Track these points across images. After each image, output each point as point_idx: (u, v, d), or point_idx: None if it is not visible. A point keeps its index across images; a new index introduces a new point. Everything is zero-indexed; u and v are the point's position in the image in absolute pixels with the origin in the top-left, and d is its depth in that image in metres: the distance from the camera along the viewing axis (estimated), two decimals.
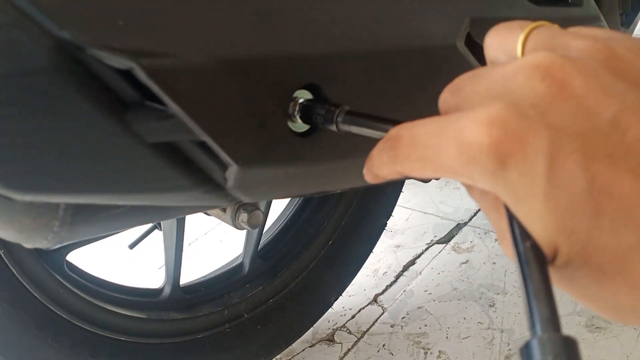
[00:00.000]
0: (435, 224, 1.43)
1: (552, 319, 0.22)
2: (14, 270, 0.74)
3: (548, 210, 0.23)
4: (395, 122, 0.33)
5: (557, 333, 0.22)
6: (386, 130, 0.34)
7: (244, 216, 0.69)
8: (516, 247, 0.24)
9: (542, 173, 0.23)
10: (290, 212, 1.07)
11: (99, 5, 0.37)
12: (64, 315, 0.80)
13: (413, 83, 0.52)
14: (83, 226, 0.47)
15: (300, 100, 0.44)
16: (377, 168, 0.29)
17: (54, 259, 0.80)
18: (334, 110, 0.42)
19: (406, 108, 0.52)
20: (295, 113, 0.45)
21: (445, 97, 0.28)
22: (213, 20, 0.41)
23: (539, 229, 0.24)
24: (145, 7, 0.38)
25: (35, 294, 0.76)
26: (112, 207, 0.47)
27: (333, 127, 0.42)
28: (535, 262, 0.24)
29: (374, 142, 0.34)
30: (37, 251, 0.77)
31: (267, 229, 1.07)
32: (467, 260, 1.29)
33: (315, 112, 0.44)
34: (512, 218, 0.25)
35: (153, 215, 0.52)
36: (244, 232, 1.00)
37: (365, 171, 0.31)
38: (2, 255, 0.72)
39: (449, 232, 1.39)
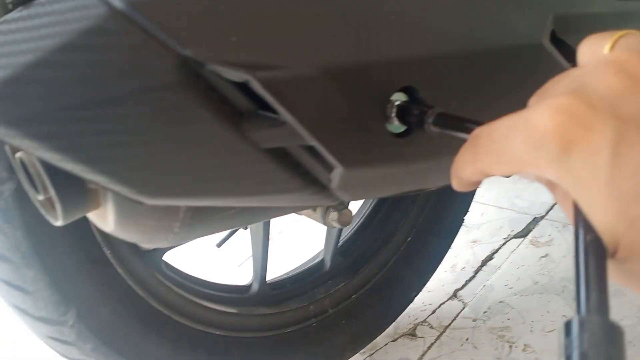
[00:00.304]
0: (511, 218, 1.42)
1: (600, 304, 0.23)
2: (119, 270, 0.79)
3: (610, 196, 0.24)
4: (482, 124, 0.35)
5: (601, 316, 0.22)
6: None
7: (334, 215, 0.72)
8: (576, 239, 0.25)
9: (605, 160, 0.24)
10: (368, 209, 1.10)
11: (216, 25, 0.40)
12: (165, 312, 0.85)
13: (503, 82, 0.53)
14: (199, 227, 0.51)
15: (397, 103, 0.47)
16: (461, 169, 0.31)
17: (152, 259, 0.86)
18: (426, 111, 0.45)
19: (497, 106, 0.53)
20: (393, 115, 0.47)
21: (533, 101, 0.30)
22: (316, 32, 0.44)
23: (600, 215, 0.24)
24: (255, 24, 0.42)
25: (139, 292, 0.82)
26: (226, 209, 0.51)
27: (425, 129, 0.45)
28: (594, 255, 0.24)
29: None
30: (137, 252, 0.82)
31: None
32: (547, 254, 1.28)
33: (410, 114, 0.46)
34: (577, 210, 0.25)
35: (260, 215, 0.56)
36: (324, 230, 1.03)
37: (451, 177, 0.33)
38: (109, 256, 0.78)
39: (526, 226, 1.38)
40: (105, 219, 0.50)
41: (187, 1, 0.40)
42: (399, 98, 0.47)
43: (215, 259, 1.50)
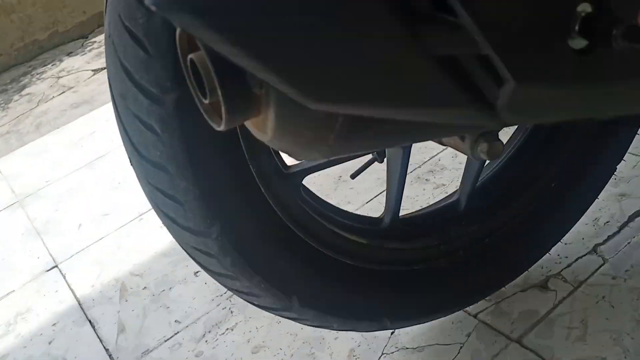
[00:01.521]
0: None
1: None
2: (262, 189, 0.81)
3: None
4: None
5: None
6: None
7: (483, 146, 0.68)
8: None
9: None
10: (511, 150, 1.05)
11: None
12: (300, 234, 0.86)
13: None
14: (353, 141, 0.51)
15: (583, 14, 0.43)
16: None
17: (293, 181, 0.87)
18: (616, 23, 0.41)
19: None
20: (576, 28, 0.43)
21: None
22: None
23: None
24: None
25: (278, 212, 0.83)
26: (381, 124, 0.49)
27: (612, 44, 0.41)
28: None
29: None
30: (280, 173, 0.84)
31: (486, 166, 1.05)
32: None
33: (595, 26, 0.42)
34: None
35: (411, 135, 0.54)
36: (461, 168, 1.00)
37: None
38: (255, 174, 0.79)
39: None
40: (264, 126, 0.51)
41: None
42: (584, 9, 0.43)
43: (343, 195, 1.52)
